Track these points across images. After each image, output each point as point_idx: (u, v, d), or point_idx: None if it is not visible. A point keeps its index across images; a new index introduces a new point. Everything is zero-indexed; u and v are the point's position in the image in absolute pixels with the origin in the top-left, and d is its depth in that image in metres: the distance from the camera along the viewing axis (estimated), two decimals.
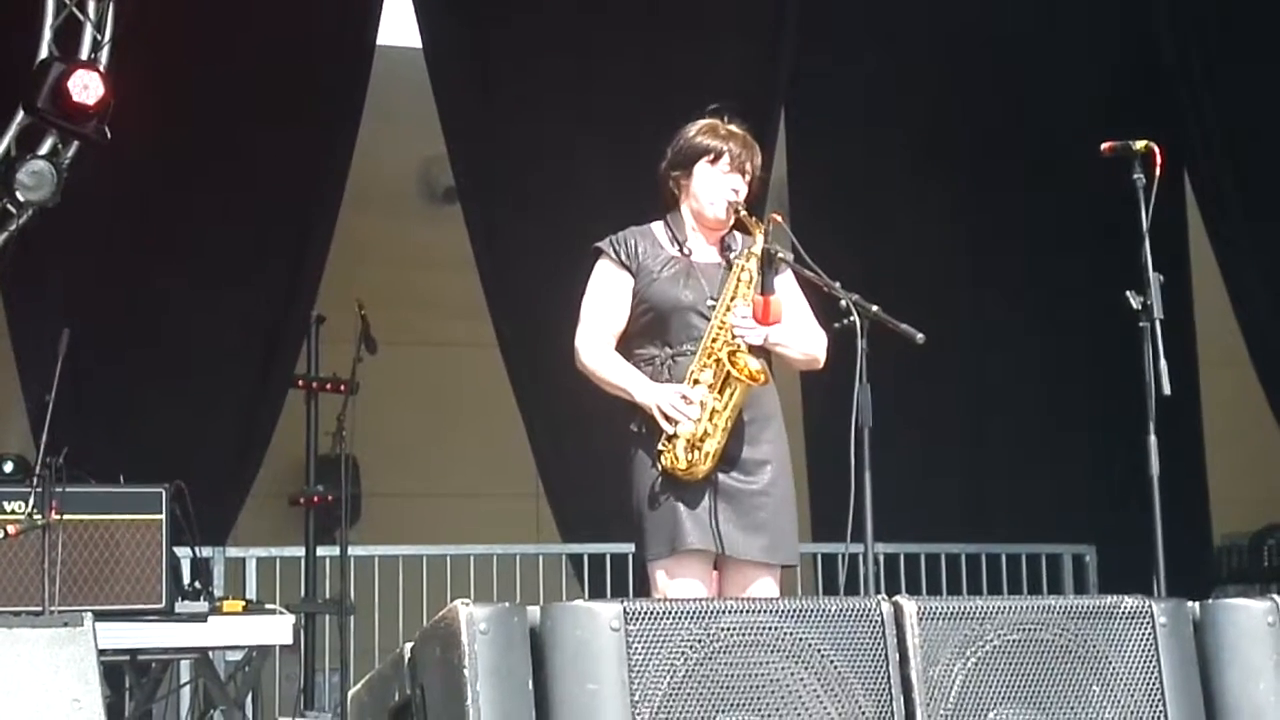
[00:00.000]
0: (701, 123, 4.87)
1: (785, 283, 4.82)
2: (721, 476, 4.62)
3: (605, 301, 4.78)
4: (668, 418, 4.56)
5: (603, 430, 6.90)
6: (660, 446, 4.59)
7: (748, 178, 4.81)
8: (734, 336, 4.63)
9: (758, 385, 4.61)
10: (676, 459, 4.57)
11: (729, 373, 4.58)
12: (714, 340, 4.65)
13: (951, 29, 9.04)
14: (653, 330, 4.73)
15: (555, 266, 8.00)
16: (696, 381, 4.61)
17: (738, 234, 4.82)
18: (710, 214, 4.78)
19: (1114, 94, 9.24)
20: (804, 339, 4.81)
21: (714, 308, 4.68)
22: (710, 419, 4.56)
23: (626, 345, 4.77)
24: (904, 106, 8.94)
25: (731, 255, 4.79)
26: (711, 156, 4.79)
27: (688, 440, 4.56)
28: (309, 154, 8.18)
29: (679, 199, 4.87)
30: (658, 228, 4.86)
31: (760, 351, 4.70)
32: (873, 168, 9.03)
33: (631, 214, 5.00)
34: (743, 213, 4.74)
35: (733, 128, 4.85)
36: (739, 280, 4.71)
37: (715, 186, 4.78)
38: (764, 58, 8.89)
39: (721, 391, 4.59)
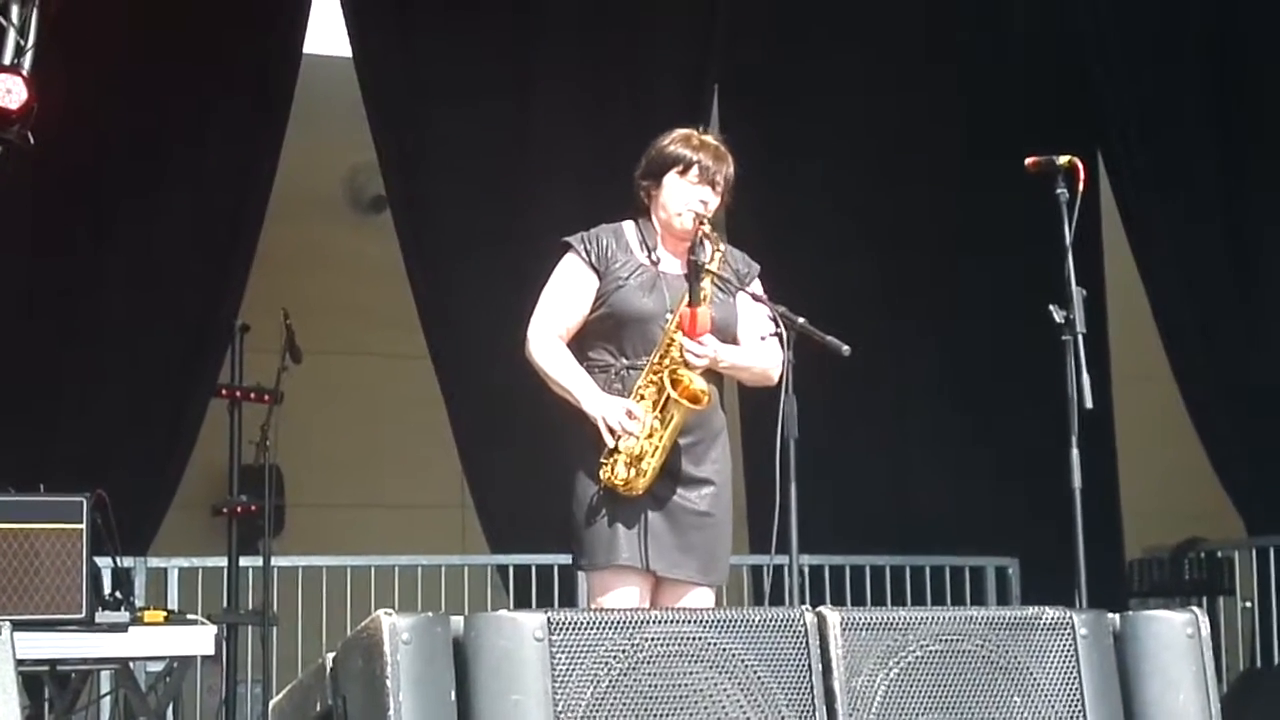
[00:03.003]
0: (676, 132, 4.82)
1: (746, 301, 4.78)
2: (664, 494, 4.59)
3: (564, 297, 4.72)
4: (612, 431, 4.53)
5: (533, 441, 6.91)
6: (602, 459, 4.56)
7: (718, 190, 4.75)
8: (681, 353, 4.58)
9: (698, 408, 4.57)
10: (616, 474, 4.54)
11: (669, 395, 4.54)
12: (661, 357, 4.60)
13: (875, 31, 9.09)
14: (609, 337, 4.69)
15: (487, 275, 8.07)
16: (641, 397, 4.58)
17: (706, 244, 4.70)
18: (677, 225, 4.72)
19: (1033, 96, 9.30)
20: (756, 358, 4.76)
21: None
22: (649, 437, 4.53)
23: (580, 345, 4.72)
24: (828, 112, 8.97)
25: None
26: (681, 167, 4.73)
27: (628, 456, 4.53)
28: (235, 161, 8.13)
29: (649, 207, 4.81)
30: (629, 229, 4.80)
31: (714, 373, 4.66)
32: (798, 175, 9.05)
33: (565, 221, 4.98)
34: (706, 227, 4.68)
35: (707, 138, 4.81)
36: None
37: (683, 197, 4.72)
38: (698, 62, 8.89)
39: (662, 410, 4.55)
